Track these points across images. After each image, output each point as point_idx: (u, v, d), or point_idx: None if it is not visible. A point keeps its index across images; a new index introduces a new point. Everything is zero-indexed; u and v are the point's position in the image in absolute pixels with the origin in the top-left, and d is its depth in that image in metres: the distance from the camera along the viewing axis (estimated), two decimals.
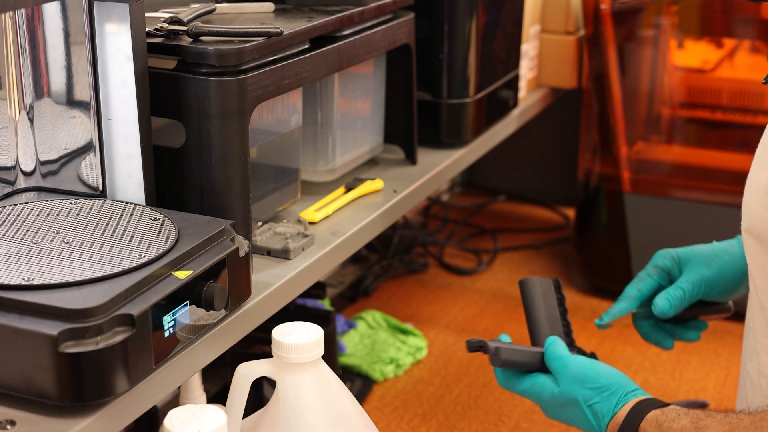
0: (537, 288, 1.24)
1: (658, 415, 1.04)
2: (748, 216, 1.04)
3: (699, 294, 1.23)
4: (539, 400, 1.15)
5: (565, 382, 1.12)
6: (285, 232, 1.27)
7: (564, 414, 1.13)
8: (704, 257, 1.24)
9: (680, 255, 1.25)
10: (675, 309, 1.22)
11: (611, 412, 1.08)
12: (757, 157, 1.04)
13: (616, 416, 1.07)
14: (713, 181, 2.01)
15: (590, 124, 2.06)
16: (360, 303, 2.00)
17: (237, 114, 1.15)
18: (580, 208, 2.16)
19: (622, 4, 1.97)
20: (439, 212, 2.43)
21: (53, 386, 0.89)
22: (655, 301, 1.22)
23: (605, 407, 1.08)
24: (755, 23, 2.01)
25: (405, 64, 1.52)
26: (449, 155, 1.63)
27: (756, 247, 1.03)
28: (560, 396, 1.12)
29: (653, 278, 1.25)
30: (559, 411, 1.13)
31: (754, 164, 1.04)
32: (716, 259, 1.23)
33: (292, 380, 1.14)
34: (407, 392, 1.72)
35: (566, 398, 1.12)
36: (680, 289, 1.22)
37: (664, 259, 1.26)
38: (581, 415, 1.10)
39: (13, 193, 1.18)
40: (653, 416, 1.04)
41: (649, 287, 1.25)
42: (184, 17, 1.18)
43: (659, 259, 1.26)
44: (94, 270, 0.96)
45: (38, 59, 1.14)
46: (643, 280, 1.26)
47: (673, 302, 1.22)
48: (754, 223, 1.02)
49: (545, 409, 1.15)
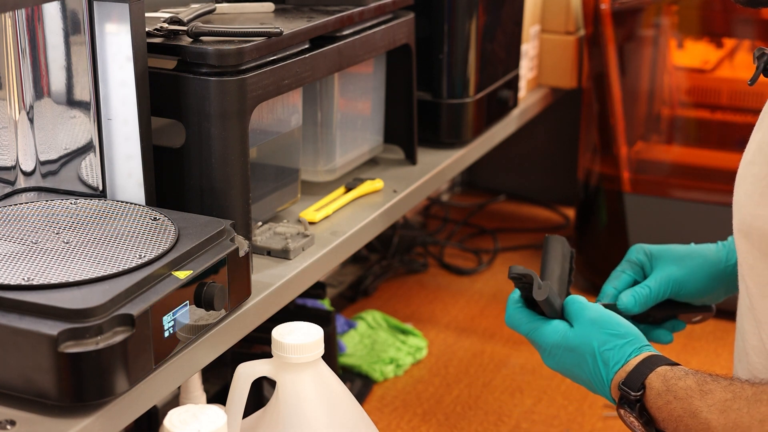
0: (559, 249, 1.23)
1: (666, 371, 1.03)
2: (738, 214, 1.04)
3: (666, 293, 1.21)
4: (544, 342, 1.12)
5: (583, 324, 1.10)
6: (285, 232, 1.27)
7: (568, 359, 1.11)
8: (676, 256, 1.23)
9: (653, 252, 1.24)
10: (640, 306, 1.20)
11: (623, 360, 1.06)
12: (745, 155, 1.05)
13: (627, 365, 1.06)
14: (713, 181, 2.01)
15: (590, 124, 2.06)
16: (360, 303, 2.00)
17: (237, 114, 1.15)
18: (580, 208, 2.16)
19: (622, 4, 1.97)
20: (439, 212, 2.43)
21: (53, 386, 0.89)
22: (620, 297, 1.21)
23: (618, 354, 1.07)
24: (755, 23, 2.01)
25: (405, 64, 1.52)
26: (449, 155, 1.63)
27: (746, 246, 1.03)
28: (572, 338, 1.10)
29: (628, 274, 1.24)
30: (564, 356, 1.11)
31: (742, 163, 1.05)
32: (688, 260, 1.22)
33: (292, 380, 1.14)
34: (407, 392, 1.72)
35: (578, 341, 1.10)
36: (647, 287, 1.21)
37: (637, 253, 1.24)
38: (589, 361, 1.08)
39: (13, 193, 1.18)
40: (662, 371, 1.04)
41: (624, 283, 1.23)
42: (184, 17, 1.18)
43: (633, 253, 1.25)
44: (94, 270, 0.96)
45: (38, 59, 1.14)
46: (617, 277, 1.24)
47: (638, 299, 1.20)
48: (744, 221, 1.02)
49: (549, 353, 1.12)
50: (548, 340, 1.12)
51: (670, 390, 1.02)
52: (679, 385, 1.01)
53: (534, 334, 1.13)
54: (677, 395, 1.01)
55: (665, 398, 1.02)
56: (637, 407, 1.03)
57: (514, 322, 1.16)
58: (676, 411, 1.01)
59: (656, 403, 1.02)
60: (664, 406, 1.02)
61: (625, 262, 1.24)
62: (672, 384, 1.02)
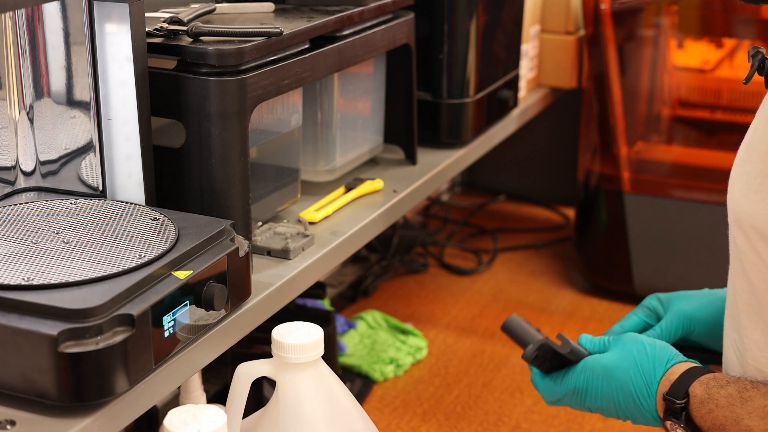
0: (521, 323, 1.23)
1: (708, 379, 1.04)
2: (733, 212, 1.04)
3: (678, 331, 1.21)
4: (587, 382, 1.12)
5: (617, 344, 1.12)
6: (285, 232, 1.27)
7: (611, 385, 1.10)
8: (688, 296, 1.24)
9: (667, 297, 1.25)
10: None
11: (663, 366, 1.07)
12: (739, 153, 1.05)
13: (670, 373, 1.07)
14: (713, 181, 2.00)
15: (590, 124, 2.06)
16: (360, 303, 2.00)
17: (237, 114, 1.15)
18: (580, 208, 2.16)
19: (622, 4, 1.97)
20: (439, 212, 2.43)
21: (53, 386, 0.89)
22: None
23: (659, 358, 1.08)
24: (755, 23, 2.01)
25: (405, 64, 1.52)
26: (449, 155, 1.63)
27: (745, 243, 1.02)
28: (610, 359, 1.11)
29: (638, 316, 1.25)
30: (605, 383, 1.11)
31: (736, 161, 1.05)
32: (700, 297, 1.23)
33: (292, 380, 1.14)
34: (407, 392, 1.72)
35: (618, 356, 1.10)
36: (658, 327, 1.21)
37: (651, 300, 1.26)
38: (632, 374, 1.08)
39: (13, 193, 1.18)
40: (704, 379, 1.04)
41: (632, 324, 1.24)
42: (184, 17, 1.18)
43: (647, 300, 1.26)
44: (94, 270, 0.96)
45: (38, 59, 1.14)
46: (628, 318, 1.25)
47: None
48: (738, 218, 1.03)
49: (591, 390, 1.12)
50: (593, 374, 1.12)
51: (711, 398, 1.02)
52: (720, 393, 1.02)
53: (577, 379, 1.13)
54: (719, 403, 1.02)
55: (708, 406, 1.03)
56: (683, 416, 1.04)
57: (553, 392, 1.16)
58: (719, 419, 1.02)
59: (699, 412, 1.03)
60: (708, 414, 1.02)
61: (639, 307, 1.25)
62: (714, 392, 1.03)
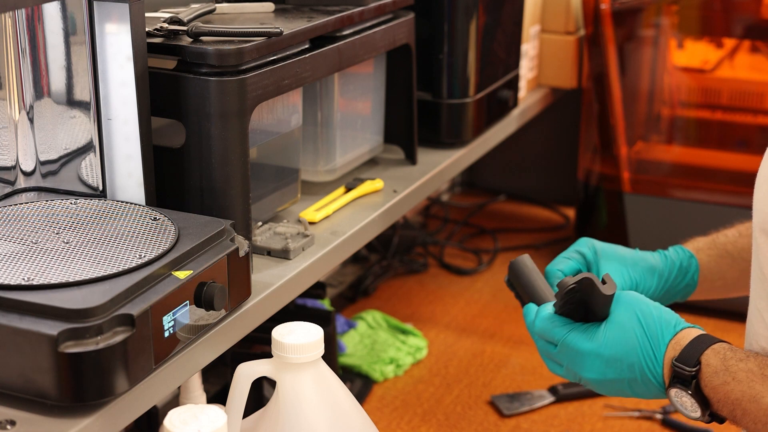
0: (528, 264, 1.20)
1: (725, 350, 0.98)
2: (760, 213, 1.01)
3: None
4: (589, 342, 1.04)
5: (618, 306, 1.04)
6: (285, 232, 1.27)
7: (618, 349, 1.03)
8: (624, 260, 1.19)
9: (600, 249, 1.20)
10: None
11: (672, 329, 1.01)
12: (765, 155, 1.03)
13: (679, 337, 1.00)
14: (713, 181, 2.01)
15: (590, 124, 2.06)
16: (360, 303, 2.00)
17: (237, 114, 1.15)
18: (580, 208, 2.16)
19: (622, 4, 1.97)
20: (439, 212, 2.43)
21: (53, 386, 0.89)
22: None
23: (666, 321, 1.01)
24: (755, 23, 2.01)
25: (405, 64, 1.52)
26: (449, 155, 1.63)
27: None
28: (617, 319, 1.03)
29: (575, 261, 1.19)
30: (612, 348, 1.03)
31: (762, 163, 1.03)
32: (634, 265, 1.19)
33: (292, 380, 1.14)
34: (407, 392, 1.72)
35: (623, 320, 1.03)
36: None
37: (585, 246, 1.20)
38: (639, 336, 1.01)
39: (13, 193, 1.18)
40: (720, 348, 0.98)
41: (571, 269, 1.18)
42: (184, 17, 1.18)
43: (581, 245, 1.21)
44: (94, 270, 0.96)
45: (38, 59, 1.14)
46: (562, 262, 1.19)
47: None
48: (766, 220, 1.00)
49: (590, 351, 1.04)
50: (592, 338, 1.04)
51: (728, 370, 0.97)
52: (739, 366, 0.97)
53: (573, 335, 1.06)
54: (736, 377, 0.97)
55: (722, 378, 0.97)
56: (692, 384, 0.98)
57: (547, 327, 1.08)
58: (734, 393, 0.97)
59: (711, 383, 0.98)
60: (720, 386, 0.97)
61: (573, 251, 1.21)
62: (731, 365, 0.97)
